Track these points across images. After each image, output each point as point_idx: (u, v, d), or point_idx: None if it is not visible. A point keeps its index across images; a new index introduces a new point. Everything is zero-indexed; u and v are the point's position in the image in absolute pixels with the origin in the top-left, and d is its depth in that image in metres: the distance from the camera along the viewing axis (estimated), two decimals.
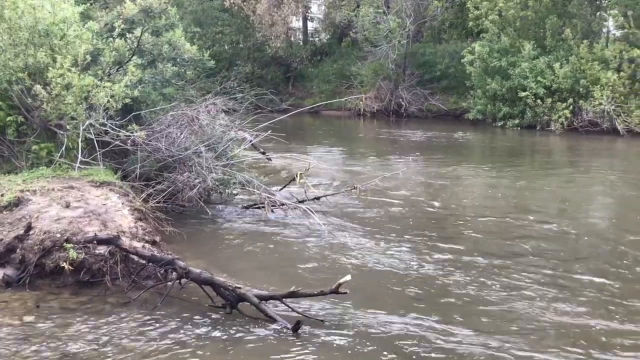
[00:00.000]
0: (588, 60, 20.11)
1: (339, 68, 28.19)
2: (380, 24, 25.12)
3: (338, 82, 27.67)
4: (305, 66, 29.79)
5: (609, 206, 11.16)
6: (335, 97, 24.72)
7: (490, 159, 16.96)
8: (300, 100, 27.08)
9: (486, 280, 6.87)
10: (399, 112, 25.64)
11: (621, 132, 19.29)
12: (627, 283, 6.84)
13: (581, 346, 5.34)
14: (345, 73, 27.59)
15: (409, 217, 9.72)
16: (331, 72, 28.28)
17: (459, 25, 28.02)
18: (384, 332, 5.63)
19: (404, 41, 25.13)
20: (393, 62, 25.31)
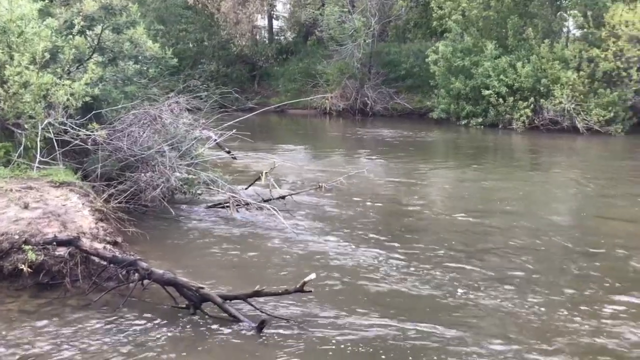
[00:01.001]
0: (549, 59, 20.54)
1: (305, 67, 28.21)
2: (346, 23, 25.23)
3: (304, 81, 27.68)
4: (271, 65, 29.73)
5: (570, 203, 11.39)
6: (301, 96, 24.75)
7: (454, 157, 17.18)
8: (266, 99, 27.02)
9: (451, 277, 6.94)
10: (365, 111, 25.80)
11: (581, 130, 19.74)
12: (587, 277, 6.98)
13: (543, 340, 5.43)
14: (311, 72, 27.61)
15: (375, 216, 9.77)
16: (297, 71, 28.27)
17: (424, 24, 28.31)
18: (348, 330, 5.64)
19: (369, 40, 25.28)
20: (358, 61, 25.45)
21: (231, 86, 23.30)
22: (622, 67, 19.52)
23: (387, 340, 5.44)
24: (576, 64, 20.35)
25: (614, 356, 5.18)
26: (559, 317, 5.89)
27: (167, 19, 27.88)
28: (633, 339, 5.46)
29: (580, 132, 19.68)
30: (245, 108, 24.04)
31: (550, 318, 5.86)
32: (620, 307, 6.12)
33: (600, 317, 5.87)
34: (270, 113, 25.79)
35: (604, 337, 5.48)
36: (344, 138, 21.06)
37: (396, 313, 5.98)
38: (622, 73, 19.59)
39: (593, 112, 19.68)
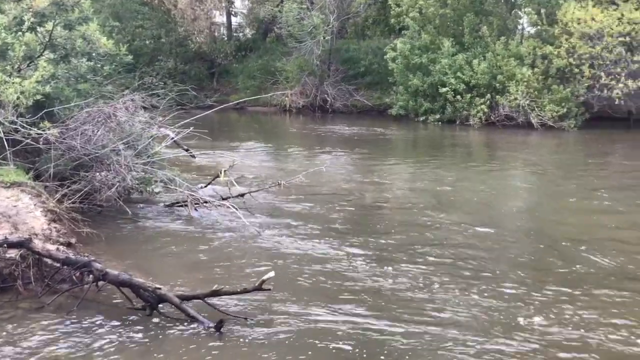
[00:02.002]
0: (504, 56, 20.89)
1: (264, 64, 28.05)
2: (305, 20, 25.19)
3: (263, 78, 27.53)
4: (230, 62, 29.47)
5: (526, 197, 11.63)
6: (260, 93, 24.54)
7: (413, 153, 17.36)
8: (225, 97, 26.72)
9: (412, 271, 7.00)
10: (325, 108, 25.83)
11: (535, 125, 20.16)
12: (542, 269, 7.13)
13: (495, 335, 5.53)
14: (270, 69, 27.48)
15: (334, 212, 9.79)
16: (256, 68, 28.09)
17: (382, 22, 28.46)
18: (307, 327, 5.64)
19: (328, 37, 25.29)
20: (318, 58, 25.44)
21: (189, 83, 22.97)
22: (574, 63, 19.99)
23: (349, 336, 5.46)
24: (530, 61, 20.76)
25: (576, 347, 5.31)
26: (514, 309, 6.00)
27: (122, 15, 27.36)
28: (590, 328, 5.60)
29: (534, 127, 20.10)
30: (204, 105, 23.74)
31: (505, 310, 5.97)
32: (577, 298, 6.27)
33: (553, 308, 6.01)
34: (229, 110, 25.60)
35: (561, 328, 5.61)
36: (304, 135, 21.06)
37: (358, 308, 6.02)
38: (574, 70, 20.05)
39: (547, 108, 20.11)
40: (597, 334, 5.48)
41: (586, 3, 20.15)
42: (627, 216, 9.68)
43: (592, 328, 5.59)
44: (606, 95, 19.66)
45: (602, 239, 8.38)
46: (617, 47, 19.47)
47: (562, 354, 5.16)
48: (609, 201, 10.69)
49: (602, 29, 19.54)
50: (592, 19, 19.64)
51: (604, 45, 19.50)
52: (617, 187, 11.92)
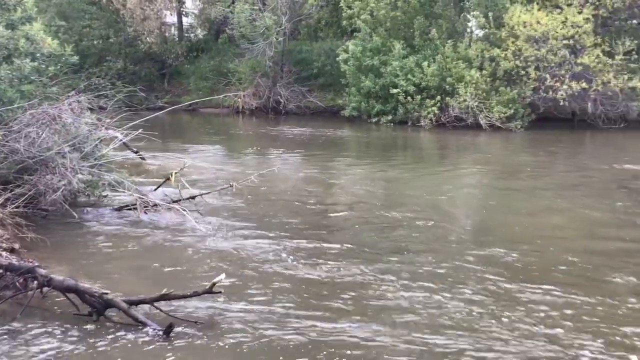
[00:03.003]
0: (453, 59, 21.28)
1: (216, 65, 27.87)
2: (257, 21, 25.10)
3: (215, 79, 27.33)
4: (181, 62, 29.17)
5: (474, 197, 11.86)
6: (213, 95, 24.34)
7: (365, 154, 17.49)
8: (177, 98, 26.45)
9: (361, 272, 7.05)
10: (278, 109, 25.82)
11: (484, 126, 20.60)
12: (489, 269, 7.28)
13: (446, 330, 5.63)
14: (222, 70, 27.32)
15: (288, 213, 9.79)
16: (208, 69, 27.88)
17: (334, 23, 28.61)
18: (259, 329, 5.62)
19: (280, 38, 25.29)
20: (270, 59, 25.41)
21: (140, 84, 22.66)
22: (520, 66, 20.53)
23: (302, 337, 5.46)
24: (479, 63, 21.21)
25: (520, 340, 5.44)
26: (462, 308, 6.12)
27: (69, 14, 26.69)
28: (537, 322, 5.75)
29: (483, 128, 20.54)
30: (154, 107, 23.49)
31: (453, 310, 6.08)
32: (522, 294, 6.43)
33: (495, 307, 6.15)
34: (181, 112, 25.34)
35: (503, 325, 5.75)
36: (257, 136, 20.98)
37: (311, 310, 6.02)
38: (520, 72, 20.59)
39: (495, 109, 20.58)
40: (543, 328, 5.64)
41: (532, 7, 20.73)
42: (570, 214, 9.98)
43: (540, 322, 5.75)
44: (551, 96, 20.25)
45: (546, 236, 8.63)
46: (561, 49, 20.09)
47: (510, 348, 5.28)
48: (554, 200, 11.01)
49: (547, 32, 20.14)
50: (538, 22, 20.23)
51: (549, 48, 20.10)
52: (561, 185, 12.28)
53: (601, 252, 7.88)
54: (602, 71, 19.95)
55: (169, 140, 18.82)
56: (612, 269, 7.14)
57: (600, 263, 7.38)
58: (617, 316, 5.87)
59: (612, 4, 20.35)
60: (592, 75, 19.98)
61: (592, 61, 19.82)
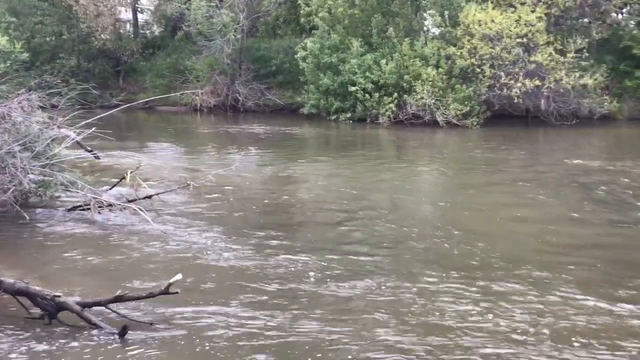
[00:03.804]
0: (410, 57, 21.48)
1: (173, 62, 27.52)
2: (214, 18, 24.87)
3: (172, 76, 27.00)
4: (137, 60, 28.69)
5: (431, 193, 12.01)
6: (169, 92, 24.05)
7: (325, 151, 17.52)
8: (133, 96, 26.00)
9: (321, 269, 7.05)
10: (237, 107, 25.66)
11: (441, 123, 20.87)
12: (450, 262, 7.38)
13: (405, 327, 5.68)
14: (179, 67, 27.00)
15: (246, 212, 9.73)
16: (165, 67, 27.51)
17: (293, 21, 28.56)
18: (216, 329, 5.56)
19: (238, 36, 25.12)
20: (228, 56, 25.22)
21: (93, 82, 22.13)
22: (476, 64, 20.86)
23: (258, 337, 5.42)
24: (435, 61, 21.45)
25: (472, 331, 5.53)
26: (419, 302, 6.18)
27: (20, 11, 26.00)
28: (485, 313, 5.85)
29: (440, 125, 20.81)
30: (109, 105, 23.01)
31: (412, 303, 6.14)
32: (473, 286, 6.53)
33: (449, 299, 6.24)
34: (137, 110, 24.95)
35: (458, 314, 5.84)
36: (215, 135, 20.79)
37: (268, 308, 5.99)
38: (476, 70, 20.93)
39: (451, 106, 20.86)
40: (492, 320, 5.74)
41: (486, 5, 21.09)
42: (525, 209, 10.18)
43: (487, 313, 5.84)
44: (506, 94, 20.64)
45: (501, 230, 8.80)
46: (515, 48, 20.49)
47: (465, 339, 5.36)
48: (509, 195, 11.24)
49: (501, 30, 20.52)
50: (492, 21, 20.59)
51: (503, 46, 20.48)
52: (516, 181, 12.52)
53: (554, 245, 8.07)
54: (554, 69, 20.44)
55: (125, 138, 18.54)
56: (563, 262, 7.31)
57: (552, 256, 7.55)
58: (564, 308, 6.01)
59: (563, 3, 20.87)
60: (545, 73, 20.45)
61: (545, 59, 20.29)
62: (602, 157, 15.60)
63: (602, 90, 21.88)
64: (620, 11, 23.84)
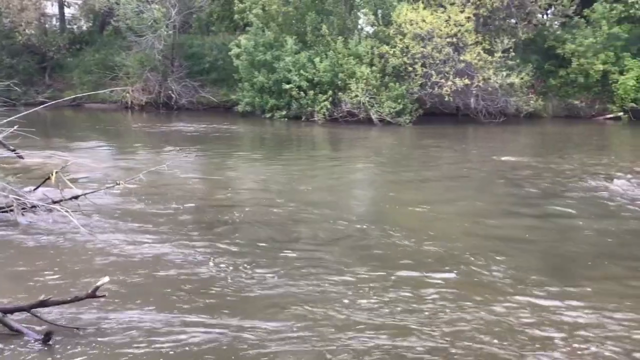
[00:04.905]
0: (344, 55, 21.66)
1: (102, 58, 26.74)
2: (144, 13, 24.29)
3: (101, 73, 26.23)
4: (64, 55, 27.72)
5: (366, 190, 12.14)
6: (98, 89, 23.40)
7: (260, 150, 17.42)
8: (59, 93, 25.15)
9: (255, 270, 6.97)
10: (169, 105, 25.20)
11: (375, 121, 21.16)
12: (382, 257, 7.46)
13: (351, 321, 5.69)
14: (108, 63, 26.26)
15: (178, 212, 9.51)
16: (93, 63, 26.71)
17: (227, 17, 28.29)
18: (144, 334, 5.40)
19: (170, 32, 24.65)
20: (160, 53, 24.70)
21: (17, 79, 21.30)
22: (408, 62, 21.25)
23: (189, 342, 5.29)
24: (369, 60, 21.72)
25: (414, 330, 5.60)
26: (356, 297, 6.22)
27: None
28: (413, 309, 5.94)
29: (374, 123, 21.09)
30: (34, 102, 22.14)
31: (356, 299, 6.16)
32: (403, 282, 6.63)
33: (387, 292, 6.31)
34: (64, 107, 24.10)
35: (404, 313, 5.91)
36: (147, 133, 20.30)
37: (204, 311, 5.86)
38: (408, 68, 21.33)
39: (385, 104, 21.17)
40: (419, 314, 5.84)
41: (417, 5, 21.49)
42: (455, 204, 10.42)
43: (416, 310, 5.94)
44: (437, 92, 21.14)
45: (433, 226, 8.96)
46: (445, 47, 20.98)
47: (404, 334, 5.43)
48: (440, 191, 11.49)
49: (432, 30, 20.96)
50: (423, 20, 21.01)
51: (434, 45, 20.94)
52: (447, 177, 12.83)
53: (483, 239, 8.29)
54: (482, 68, 21.06)
55: (51, 137, 17.90)
56: (492, 255, 7.51)
57: (481, 250, 7.74)
58: (492, 301, 6.18)
59: (491, 3, 21.53)
60: (474, 72, 21.04)
61: (474, 58, 20.88)
62: (529, 154, 16.18)
63: (528, 89, 22.74)
64: (545, 12, 24.84)
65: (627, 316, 5.79)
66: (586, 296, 6.27)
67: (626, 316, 5.79)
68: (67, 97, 19.93)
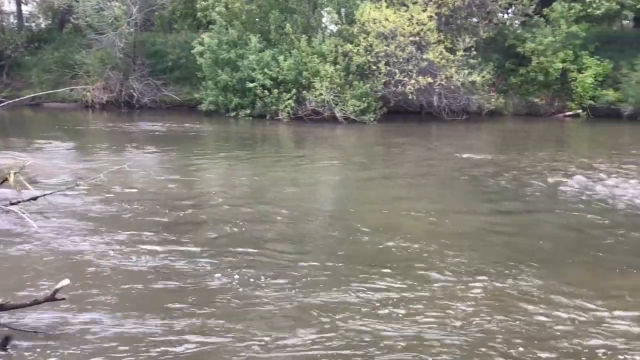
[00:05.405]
0: (308, 53, 21.65)
1: (61, 56, 26.17)
2: (105, 11, 23.87)
3: (61, 71, 25.66)
4: (22, 54, 27.06)
5: (331, 189, 12.14)
6: (58, 88, 22.84)
7: (225, 149, 17.27)
8: (17, 92, 24.53)
9: (218, 271, 6.91)
10: (131, 104, 24.82)
11: (339, 119, 21.21)
12: (346, 255, 7.48)
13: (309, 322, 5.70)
14: (68, 62, 25.73)
15: (140, 213, 9.38)
16: (52, 61, 26.12)
17: (190, 15, 27.99)
18: (105, 337, 5.30)
19: (131, 29, 24.26)
20: (121, 51, 24.29)
21: None
22: (372, 61, 21.36)
23: (150, 345, 5.22)
24: (333, 58, 21.76)
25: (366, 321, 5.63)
26: (320, 293, 6.23)
27: None
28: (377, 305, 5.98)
29: (339, 121, 21.14)
30: None
31: (315, 298, 6.17)
32: (367, 279, 6.66)
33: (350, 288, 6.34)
34: (23, 107, 23.57)
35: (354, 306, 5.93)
36: (109, 132, 19.95)
37: (162, 313, 5.80)
38: (372, 67, 21.43)
39: (349, 102, 21.24)
40: (381, 310, 5.88)
41: (380, 4, 21.62)
42: (417, 202, 10.52)
43: (379, 305, 5.99)
44: (400, 90, 21.31)
45: (395, 223, 9.01)
46: (408, 46, 21.16)
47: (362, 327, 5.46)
48: (405, 188, 11.58)
49: (395, 29, 21.11)
50: (386, 19, 21.14)
51: (397, 44, 21.10)
52: (411, 175, 12.94)
53: (446, 235, 8.36)
54: (445, 67, 21.31)
55: (9, 137, 17.50)
56: (454, 250, 7.61)
57: (443, 245, 7.83)
58: (454, 294, 6.26)
59: (453, 2, 21.80)
60: (436, 70, 21.27)
61: (436, 57, 21.11)
62: (491, 151, 16.44)
63: (490, 87, 23.09)
64: (506, 11, 25.25)
65: (586, 305, 5.94)
66: (544, 287, 6.40)
67: (585, 305, 5.94)
68: (25, 96, 19.42)
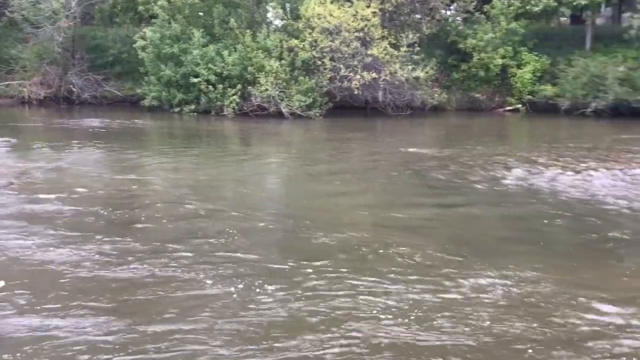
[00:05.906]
0: (253, 48, 21.50)
1: None
2: (42, 4, 23.09)
3: None
4: None
5: (277, 184, 12.12)
6: None
7: (168, 145, 16.99)
8: None
9: (166, 269, 6.77)
10: (71, 99, 24.17)
11: (286, 115, 21.17)
12: (290, 250, 7.47)
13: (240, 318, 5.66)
14: (3, 56, 24.88)
15: (79, 211, 9.10)
16: None
17: (131, 9, 27.37)
18: (41, 340, 5.13)
19: (70, 23, 23.54)
20: (59, 45, 23.57)
21: None
22: (317, 56, 21.39)
23: (95, 349, 5.09)
24: (278, 53, 21.68)
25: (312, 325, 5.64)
26: (267, 287, 6.20)
27: None
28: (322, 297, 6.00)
29: (285, 116, 21.10)
30: None
31: (258, 294, 6.13)
32: (314, 272, 6.67)
33: (297, 281, 6.34)
34: None
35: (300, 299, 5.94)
36: (46, 129, 19.35)
37: (109, 313, 5.65)
38: (317, 62, 21.47)
39: (295, 98, 21.21)
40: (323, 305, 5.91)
41: (325, 0, 21.66)
42: (362, 196, 10.62)
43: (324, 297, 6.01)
44: (346, 86, 21.42)
45: (340, 218, 9.05)
46: (353, 41, 21.28)
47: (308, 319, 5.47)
48: (348, 183, 11.65)
49: (339, 24, 21.19)
50: (331, 14, 21.20)
51: (342, 39, 21.19)
52: (356, 169, 13.03)
53: (390, 228, 8.46)
54: (389, 62, 21.53)
55: None
56: (397, 244, 7.69)
57: (387, 239, 7.91)
58: (397, 288, 6.34)
59: None
60: (381, 66, 21.48)
61: (381, 53, 21.30)
62: (434, 145, 16.73)
63: (433, 83, 23.47)
64: (448, 8, 25.69)
65: (531, 289, 6.12)
66: (492, 276, 6.55)
67: (531, 289, 6.12)
68: None
